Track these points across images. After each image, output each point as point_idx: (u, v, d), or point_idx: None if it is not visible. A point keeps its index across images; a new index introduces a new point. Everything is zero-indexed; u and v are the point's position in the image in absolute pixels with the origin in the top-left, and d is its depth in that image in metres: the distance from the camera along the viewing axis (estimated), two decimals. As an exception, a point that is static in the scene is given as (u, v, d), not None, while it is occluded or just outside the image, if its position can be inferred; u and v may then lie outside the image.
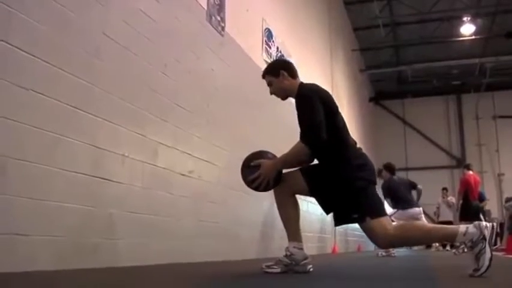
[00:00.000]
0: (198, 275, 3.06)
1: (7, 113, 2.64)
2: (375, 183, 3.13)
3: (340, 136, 3.14)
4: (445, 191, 13.09)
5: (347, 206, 3.00)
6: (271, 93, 3.37)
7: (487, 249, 2.62)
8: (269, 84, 3.34)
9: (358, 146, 3.26)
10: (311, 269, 3.23)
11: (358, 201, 2.98)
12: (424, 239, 3.14)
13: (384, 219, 2.98)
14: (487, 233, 2.65)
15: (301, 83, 3.31)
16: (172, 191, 4.23)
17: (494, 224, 2.74)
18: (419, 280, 3.00)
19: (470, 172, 10.35)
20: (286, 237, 3.26)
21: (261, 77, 3.41)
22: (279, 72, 3.27)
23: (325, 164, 3.11)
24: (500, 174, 19.99)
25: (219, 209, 5.07)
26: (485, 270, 2.58)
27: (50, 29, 2.99)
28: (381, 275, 3.44)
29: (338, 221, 3.14)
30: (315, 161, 3.26)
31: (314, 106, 3.02)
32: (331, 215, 3.21)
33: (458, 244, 8.80)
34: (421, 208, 8.17)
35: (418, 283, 2.78)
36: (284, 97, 3.37)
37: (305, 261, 3.21)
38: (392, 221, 7.98)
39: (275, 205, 3.30)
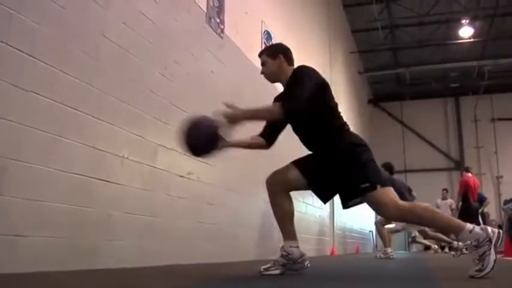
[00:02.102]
0: (197, 277, 3.07)
1: (7, 114, 2.64)
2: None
3: (337, 120, 3.18)
4: (445, 192, 13.03)
5: (355, 179, 2.98)
6: (262, 73, 3.35)
7: (492, 251, 2.61)
8: (263, 63, 3.33)
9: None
10: (308, 265, 3.25)
11: (367, 171, 2.99)
12: (431, 221, 3.13)
13: (391, 189, 2.99)
14: (493, 236, 2.64)
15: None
16: (171, 193, 4.23)
17: (501, 231, 2.73)
18: (419, 281, 3.00)
19: (469, 174, 10.38)
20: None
21: (258, 76, 3.42)
22: (277, 55, 3.27)
23: (327, 145, 3.11)
24: (498, 177, 20.00)
25: (218, 210, 5.07)
26: (489, 271, 2.58)
27: (50, 30, 2.99)
28: (380, 276, 3.45)
29: (346, 200, 3.10)
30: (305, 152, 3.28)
31: (310, 84, 3.00)
32: (326, 215, 3.23)
33: (456, 246, 8.81)
34: None
35: (418, 284, 2.78)
36: (272, 80, 3.36)
37: (302, 258, 3.22)
38: (391, 222, 8.01)
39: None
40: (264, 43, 6.99)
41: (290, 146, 3.29)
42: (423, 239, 9.80)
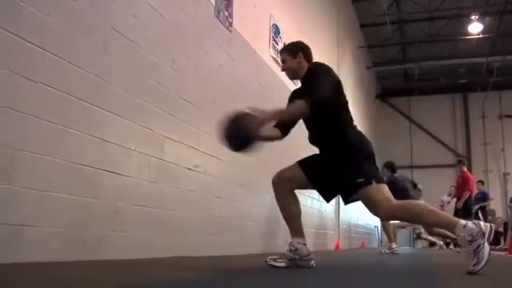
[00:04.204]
0: (203, 269, 3.08)
1: (16, 104, 2.67)
2: (374, 158, 3.23)
3: (345, 115, 3.29)
4: (453, 188, 12.91)
5: (352, 174, 3.07)
6: (283, 69, 3.48)
7: (486, 244, 2.68)
8: (283, 61, 3.44)
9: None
10: (314, 265, 3.27)
11: (363, 167, 3.09)
12: (425, 219, 3.21)
13: (385, 187, 3.09)
14: (485, 230, 2.71)
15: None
16: (178, 185, 4.25)
17: (493, 225, 2.80)
18: (424, 277, 3.01)
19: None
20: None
21: (267, 72, 3.47)
22: (297, 53, 3.39)
23: (333, 139, 3.21)
24: (505, 174, 19.93)
25: (225, 203, 5.09)
26: (485, 264, 2.63)
27: (60, 22, 3.01)
28: (384, 272, 3.46)
29: (346, 196, 3.22)
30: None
31: (328, 80, 3.16)
32: (331, 209, 3.27)
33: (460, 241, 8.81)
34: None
35: (423, 280, 2.79)
36: (292, 77, 3.47)
37: (308, 256, 3.25)
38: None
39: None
40: (272, 37, 6.99)
41: (299, 142, 3.31)
42: (428, 236, 9.79)
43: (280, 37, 7.26)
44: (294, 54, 3.39)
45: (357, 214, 13.16)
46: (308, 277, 2.67)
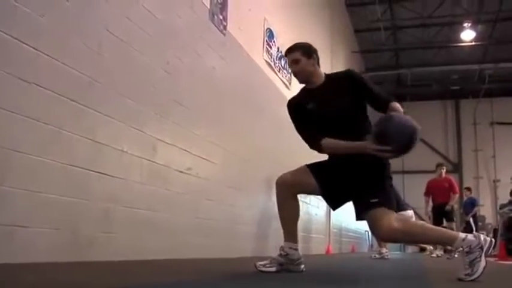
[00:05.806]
0: (193, 272, 3.09)
1: (9, 105, 2.67)
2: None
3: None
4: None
5: (370, 192, 2.95)
6: (294, 71, 3.26)
7: (483, 258, 2.66)
8: (295, 61, 3.23)
9: None
10: (304, 269, 3.27)
11: (383, 187, 2.99)
12: (425, 238, 3.15)
13: (393, 214, 2.95)
14: (484, 243, 2.68)
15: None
16: (169, 188, 4.25)
17: (493, 240, 2.78)
18: (413, 282, 3.03)
19: None
20: (281, 236, 3.29)
21: (261, 76, 3.44)
22: (312, 55, 3.24)
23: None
24: (495, 181, 20.04)
25: (216, 206, 5.10)
26: (478, 277, 2.62)
27: (54, 23, 3.01)
28: (374, 277, 3.47)
29: (359, 212, 3.06)
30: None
31: None
32: (322, 214, 3.23)
33: (450, 248, 8.84)
34: (412, 210, 8.26)
35: (412, 284, 2.81)
36: (304, 79, 3.27)
37: (298, 261, 3.25)
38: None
39: (271, 203, 3.33)
40: (266, 41, 7.00)
41: (289, 146, 3.30)
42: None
43: (274, 41, 7.28)
44: (309, 55, 3.23)
45: (348, 219, 13.17)
46: (297, 282, 2.68)
